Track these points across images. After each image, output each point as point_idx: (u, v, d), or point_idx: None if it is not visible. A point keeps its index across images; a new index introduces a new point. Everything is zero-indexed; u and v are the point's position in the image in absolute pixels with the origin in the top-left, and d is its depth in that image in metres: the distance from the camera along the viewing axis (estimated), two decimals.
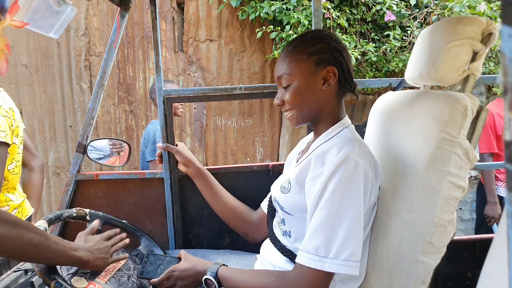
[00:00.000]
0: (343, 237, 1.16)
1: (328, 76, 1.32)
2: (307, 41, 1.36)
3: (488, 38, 1.25)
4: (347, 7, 4.25)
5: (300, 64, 1.33)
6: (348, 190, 1.18)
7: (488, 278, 0.91)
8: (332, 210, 1.18)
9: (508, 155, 0.42)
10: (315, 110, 1.37)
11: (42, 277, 1.24)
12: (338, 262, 1.16)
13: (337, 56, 1.33)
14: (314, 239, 1.20)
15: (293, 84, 1.34)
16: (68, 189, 1.89)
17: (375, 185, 1.27)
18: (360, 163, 1.19)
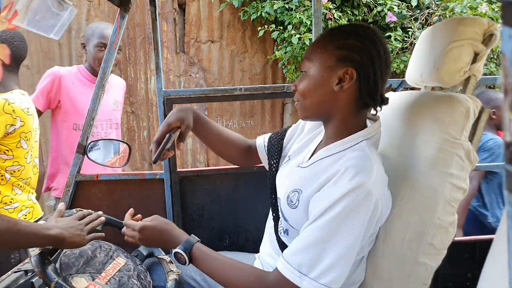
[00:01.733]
0: (329, 263, 1.10)
1: (344, 78, 1.20)
2: (343, 33, 1.25)
3: (489, 39, 1.25)
4: (349, 8, 4.24)
5: (323, 53, 1.23)
6: (351, 219, 1.11)
7: (488, 279, 0.91)
8: (328, 234, 1.11)
9: (508, 156, 0.42)
10: (320, 107, 1.27)
11: (42, 277, 1.24)
12: (316, 284, 1.10)
13: (365, 61, 1.19)
14: (301, 254, 1.14)
15: (309, 72, 1.25)
16: (68, 189, 1.89)
17: (383, 214, 1.19)
18: (373, 194, 1.11)
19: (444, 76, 1.29)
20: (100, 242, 1.57)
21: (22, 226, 1.20)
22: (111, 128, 2.73)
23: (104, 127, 2.69)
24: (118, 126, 2.81)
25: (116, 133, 2.79)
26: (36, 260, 1.25)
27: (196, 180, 1.97)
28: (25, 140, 2.19)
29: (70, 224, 1.39)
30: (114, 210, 1.94)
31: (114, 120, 2.76)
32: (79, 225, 1.41)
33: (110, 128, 2.72)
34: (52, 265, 1.25)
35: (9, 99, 2.06)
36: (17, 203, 2.18)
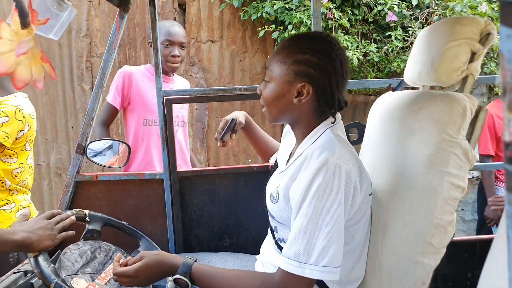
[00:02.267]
0: (323, 244, 1.14)
1: (302, 92, 1.26)
2: (300, 46, 1.28)
3: (486, 38, 1.25)
4: (349, 7, 4.24)
5: (282, 66, 1.28)
6: (327, 194, 1.15)
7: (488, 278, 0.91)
8: (312, 216, 1.16)
9: (508, 156, 0.42)
10: (285, 115, 1.34)
11: (41, 278, 1.24)
12: (318, 268, 1.13)
13: (322, 76, 1.24)
14: (295, 245, 1.17)
15: (271, 84, 1.31)
16: (68, 190, 1.89)
17: (359, 188, 1.22)
18: (340, 166, 1.16)
19: (441, 75, 1.29)
20: (100, 243, 1.57)
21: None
22: (178, 126, 2.67)
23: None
24: (185, 124, 2.78)
25: (183, 130, 2.76)
26: (36, 261, 1.25)
27: (196, 180, 1.97)
28: (29, 143, 2.23)
29: (37, 225, 1.34)
30: (114, 210, 1.94)
31: (181, 118, 2.72)
32: (47, 224, 1.36)
33: (177, 125, 2.64)
34: (51, 266, 1.25)
35: (19, 106, 2.11)
36: (13, 204, 2.20)
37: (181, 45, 2.59)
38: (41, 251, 1.31)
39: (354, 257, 1.32)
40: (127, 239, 1.75)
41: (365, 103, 4.53)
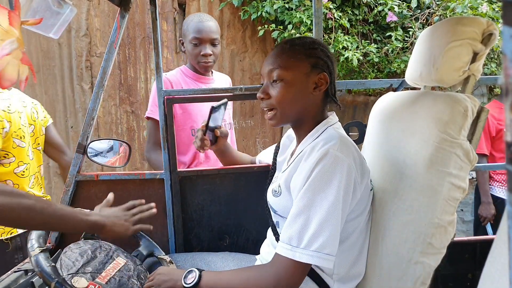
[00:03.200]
0: (315, 229, 1.17)
1: (320, 82, 1.33)
2: (306, 44, 1.36)
3: (488, 39, 1.25)
4: (349, 7, 4.24)
5: (298, 62, 1.33)
6: (325, 183, 1.18)
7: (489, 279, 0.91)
8: (308, 202, 1.19)
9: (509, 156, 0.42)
10: (299, 112, 1.37)
11: (42, 277, 1.24)
12: (308, 252, 1.16)
13: (330, 66, 1.36)
14: (289, 229, 1.21)
15: (285, 81, 1.33)
16: (68, 189, 1.88)
17: (359, 182, 1.25)
18: (340, 157, 1.19)
19: (443, 76, 1.29)
20: (100, 242, 1.57)
21: (57, 208, 1.19)
22: (226, 128, 2.52)
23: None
24: (231, 126, 2.60)
25: (231, 133, 2.52)
26: (36, 260, 1.25)
27: (196, 180, 1.97)
28: (18, 139, 2.19)
29: (114, 213, 1.39)
30: None
31: (228, 120, 2.55)
32: (124, 215, 1.41)
33: (224, 128, 2.51)
34: (52, 265, 1.25)
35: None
36: None
37: (213, 42, 2.34)
38: (113, 237, 1.38)
39: (354, 253, 1.34)
40: (127, 239, 1.75)
41: (365, 104, 4.53)
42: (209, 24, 2.33)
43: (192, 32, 2.31)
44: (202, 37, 2.30)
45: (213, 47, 2.34)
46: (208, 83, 2.46)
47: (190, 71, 2.42)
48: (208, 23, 2.33)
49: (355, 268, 1.35)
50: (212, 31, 2.32)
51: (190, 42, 2.34)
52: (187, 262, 1.70)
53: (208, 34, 2.30)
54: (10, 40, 1.13)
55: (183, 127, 2.35)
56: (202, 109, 2.34)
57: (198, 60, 2.35)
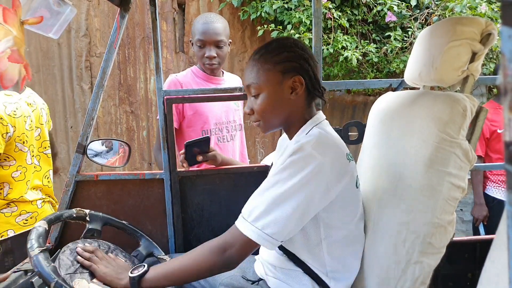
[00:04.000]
0: (265, 208, 1.21)
1: (295, 86, 1.35)
2: (273, 50, 1.37)
3: (487, 39, 1.25)
4: (348, 7, 4.24)
5: (267, 73, 1.35)
6: (289, 172, 1.22)
7: (489, 278, 0.91)
8: (268, 184, 1.25)
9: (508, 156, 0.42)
10: (283, 118, 1.40)
11: (41, 277, 1.24)
12: (251, 227, 1.21)
13: (303, 64, 1.35)
14: (247, 204, 1.28)
15: (262, 94, 1.36)
16: (68, 189, 1.88)
17: (334, 182, 1.25)
18: (313, 155, 1.21)
19: (442, 76, 1.29)
20: (99, 242, 1.57)
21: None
22: (236, 130, 2.52)
23: (230, 130, 2.49)
24: (242, 127, 2.60)
25: (241, 134, 2.60)
26: (36, 260, 1.25)
27: (196, 180, 1.97)
28: (21, 143, 2.19)
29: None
30: (114, 210, 1.94)
31: (238, 121, 2.55)
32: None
33: (235, 130, 2.51)
34: (51, 265, 1.25)
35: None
36: (15, 208, 2.20)
37: (217, 44, 2.33)
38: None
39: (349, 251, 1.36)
40: (127, 239, 1.75)
41: (364, 103, 4.53)
42: (214, 26, 2.31)
43: (197, 34, 2.31)
44: (206, 40, 2.29)
45: (218, 49, 2.33)
46: (219, 84, 2.45)
47: (201, 72, 2.43)
48: (214, 24, 2.31)
49: (349, 264, 1.36)
50: (217, 33, 2.30)
51: (195, 44, 2.34)
52: None
53: (211, 36, 2.29)
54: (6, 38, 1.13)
55: (194, 128, 2.37)
56: (213, 110, 2.35)
57: (203, 62, 2.35)
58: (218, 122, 2.41)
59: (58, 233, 1.89)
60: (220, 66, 2.39)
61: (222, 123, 2.43)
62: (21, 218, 2.22)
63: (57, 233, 1.89)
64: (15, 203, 2.21)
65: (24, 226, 2.21)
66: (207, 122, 2.37)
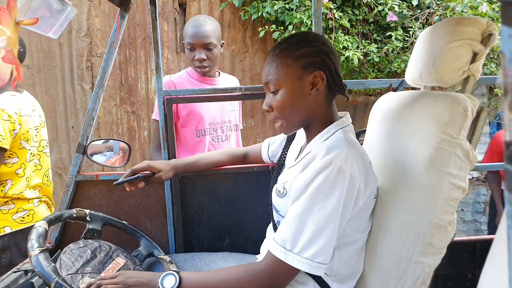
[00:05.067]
0: (310, 236, 1.16)
1: (316, 81, 1.30)
2: (293, 45, 1.32)
3: (488, 39, 1.25)
4: (349, 7, 4.24)
5: (286, 69, 1.30)
6: (325, 193, 1.17)
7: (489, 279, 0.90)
8: (306, 208, 1.19)
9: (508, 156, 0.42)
10: (304, 116, 1.35)
11: (42, 277, 1.24)
12: (300, 259, 1.16)
13: (324, 59, 1.30)
14: (284, 231, 1.21)
15: (281, 90, 1.32)
16: (68, 189, 1.88)
17: (363, 192, 1.23)
18: (344, 169, 1.17)
19: (443, 76, 1.29)
20: (100, 242, 1.57)
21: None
22: (231, 130, 2.52)
23: (225, 130, 2.49)
24: (237, 128, 2.59)
25: (236, 134, 2.59)
26: (36, 260, 1.25)
27: (196, 180, 1.97)
28: (25, 141, 2.22)
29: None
30: (114, 210, 1.94)
31: (234, 121, 2.54)
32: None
33: (230, 130, 2.50)
34: (52, 265, 1.25)
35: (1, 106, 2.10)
36: (12, 205, 2.23)
37: (206, 47, 2.30)
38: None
39: (355, 254, 1.35)
40: (128, 239, 1.75)
41: (365, 104, 4.53)
42: (203, 28, 2.29)
43: (187, 37, 2.32)
44: (194, 43, 2.29)
45: (208, 51, 2.31)
46: (214, 85, 2.44)
47: (195, 73, 2.42)
48: (203, 27, 2.29)
49: (354, 268, 1.36)
50: (206, 35, 2.28)
51: (186, 47, 2.36)
52: (187, 262, 1.70)
53: (200, 39, 2.28)
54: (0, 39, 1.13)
55: (188, 128, 2.37)
56: (207, 110, 2.36)
57: (194, 65, 2.35)
58: (212, 122, 2.42)
59: (58, 233, 1.90)
60: (212, 68, 2.38)
61: (217, 123, 2.43)
62: (18, 216, 2.25)
63: (57, 233, 1.89)
64: (13, 201, 2.24)
65: (21, 223, 2.25)
66: (201, 122, 2.37)
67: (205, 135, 2.38)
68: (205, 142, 2.39)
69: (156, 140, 2.34)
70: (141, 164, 1.66)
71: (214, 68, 2.40)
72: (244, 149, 1.96)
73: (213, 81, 2.46)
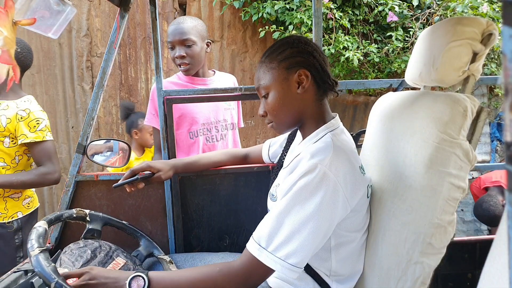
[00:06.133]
0: (285, 236, 1.16)
1: (302, 79, 1.33)
2: (276, 49, 1.38)
3: (488, 39, 1.25)
4: (350, 8, 4.24)
5: (272, 72, 1.36)
6: (306, 196, 1.17)
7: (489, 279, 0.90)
8: (285, 209, 1.18)
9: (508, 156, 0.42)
10: (295, 115, 1.38)
11: (42, 277, 1.23)
12: (272, 257, 1.16)
13: (308, 58, 1.34)
14: (262, 229, 1.21)
15: (271, 93, 1.36)
16: (68, 189, 1.89)
17: (348, 198, 1.22)
18: (328, 175, 1.16)
19: (443, 76, 1.29)
20: (100, 242, 1.57)
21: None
22: (227, 129, 2.50)
23: (220, 129, 2.47)
24: (234, 126, 2.57)
25: (233, 133, 2.56)
26: (36, 260, 1.25)
27: (196, 180, 1.97)
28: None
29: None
30: (114, 210, 1.94)
31: (230, 120, 2.51)
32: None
33: (225, 129, 2.49)
34: (52, 265, 1.25)
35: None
36: (20, 193, 2.49)
37: (184, 44, 2.28)
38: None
39: (354, 255, 1.35)
40: (128, 239, 1.75)
41: (365, 104, 4.53)
42: (180, 26, 2.29)
43: (168, 37, 2.33)
44: (173, 40, 2.30)
45: (187, 48, 2.30)
46: (206, 85, 2.42)
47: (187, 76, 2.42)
48: (180, 25, 2.30)
49: (354, 268, 1.36)
50: (182, 32, 2.28)
51: (168, 48, 2.37)
52: (187, 262, 1.70)
53: (176, 36, 2.28)
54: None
55: (181, 130, 2.37)
56: (200, 110, 2.35)
57: (176, 64, 2.34)
58: (206, 122, 2.40)
59: (58, 233, 1.90)
60: (195, 66, 2.34)
61: (211, 123, 2.41)
62: (25, 202, 2.51)
63: (57, 233, 1.89)
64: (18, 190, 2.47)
65: (28, 208, 2.52)
66: (193, 124, 2.36)
67: (198, 136, 2.38)
68: (199, 143, 2.39)
69: (156, 144, 2.40)
70: (140, 164, 1.66)
71: (197, 66, 2.36)
72: (245, 150, 1.97)
73: (204, 81, 2.44)
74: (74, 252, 1.46)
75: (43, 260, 1.25)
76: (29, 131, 2.34)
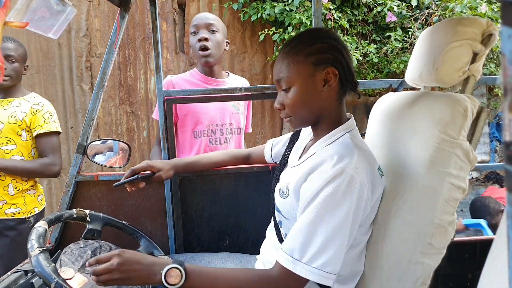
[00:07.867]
0: (319, 246, 1.14)
1: (329, 77, 1.27)
2: (305, 41, 1.30)
3: (488, 39, 1.25)
4: (349, 8, 4.25)
5: (298, 66, 1.28)
6: (336, 202, 1.15)
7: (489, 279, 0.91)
8: (316, 218, 1.16)
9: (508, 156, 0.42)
10: (315, 113, 1.33)
11: (42, 277, 1.23)
12: (309, 268, 1.14)
13: (337, 55, 1.27)
14: (293, 240, 1.18)
15: (293, 88, 1.29)
16: (68, 190, 1.88)
17: (370, 198, 1.22)
18: (355, 178, 1.15)
19: (443, 76, 1.29)
20: (100, 242, 1.57)
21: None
22: (232, 134, 2.45)
23: (224, 133, 2.42)
24: (240, 131, 2.51)
25: (238, 138, 2.52)
26: (36, 260, 1.25)
27: (196, 180, 1.97)
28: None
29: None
30: (114, 210, 1.94)
31: (236, 124, 2.46)
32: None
33: (230, 133, 2.44)
34: (52, 265, 1.25)
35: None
36: (34, 190, 2.61)
37: (208, 28, 2.29)
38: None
39: (356, 256, 1.34)
40: (128, 239, 1.75)
41: (365, 104, 4.54)
42: (207, 14, 2.37)
43: (191, 26, 2.35)
44: (198, 24, 2.31)
45: (211, 33, 2.30)
46: (219, 85, 2.38)
47: (200, 74, 2.39)
48: (205, 14, 2.38)
49: (355, 269, 1.36)
50: (207, 17, 2.32)
51: (191, 35, 2.35)
52: (186, 262, 1.69)
53: (203, 20, 2.31)
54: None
55: (185, 129, 2.36)
56: (207, 111, 2.34)
57: (197, 49, 2.30)
58: (211, 124, 2.37)
59: (58, 234, 1.90)
60: (215, 54, 2.31)
61: (216, 125, 2.38)
62: (39, 198, 2.64)
63: (57, 233, 1.89)
64: (33, 187, 2.59)
65: (41, 204, 2.66)
66: (199, 124, 2.34)
67: (201, 136, 2.36)
68: (201, 143, 2.37)
69: (157, 136, 2.38)
70: (141, 164, 1.66)
71: (216, 55, 2.33)
72: (247, 150, 1.95)
73: (217, 82, 2.40)
74: (74, 253, 1.46)
75: (43, 260, 1.25)
76: (44, 122, 2.55)
